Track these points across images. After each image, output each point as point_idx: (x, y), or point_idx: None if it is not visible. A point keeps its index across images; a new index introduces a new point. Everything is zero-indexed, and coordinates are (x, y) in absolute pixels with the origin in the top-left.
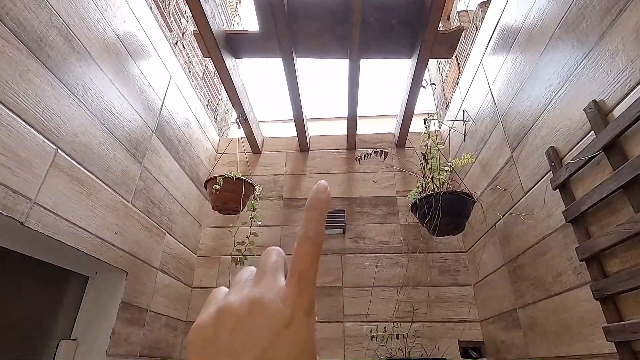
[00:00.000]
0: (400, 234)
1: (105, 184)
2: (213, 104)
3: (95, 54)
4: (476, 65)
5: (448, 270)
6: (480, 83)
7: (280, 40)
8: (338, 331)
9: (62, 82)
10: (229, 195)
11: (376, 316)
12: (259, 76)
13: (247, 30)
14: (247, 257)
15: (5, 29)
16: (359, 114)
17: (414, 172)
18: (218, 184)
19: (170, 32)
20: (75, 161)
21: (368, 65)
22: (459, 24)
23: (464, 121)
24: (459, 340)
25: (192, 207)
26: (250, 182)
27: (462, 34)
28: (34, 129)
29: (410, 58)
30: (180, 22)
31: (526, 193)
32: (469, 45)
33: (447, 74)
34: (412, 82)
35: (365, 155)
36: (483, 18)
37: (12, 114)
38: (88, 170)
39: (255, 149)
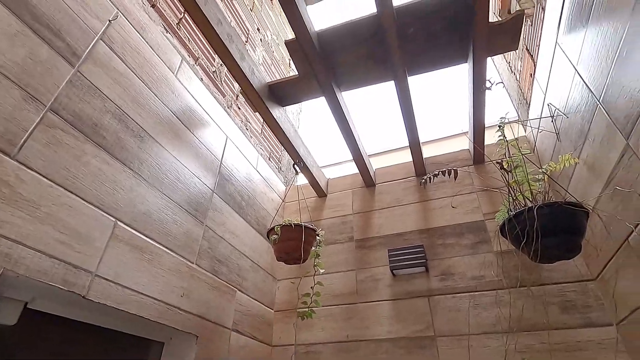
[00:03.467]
0: (496, 265)
1: (167, 248)
2: (276, 155)
3: (149, 129)
4: (552, 48)
5: (574, 307)
6: (563, 67)
7: (319, 79)
8: None
9: (118, 159)
10: (291, 244)
11: None
12: (319, 122)
13: (288, 77)
14: (314, 310)
15: (62, 121)
16: (427, 139)
17: (498, 189)
18: (276, 234)
19: (223, 97)
20: (135, 230)
21: (427, 85)
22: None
23: (553, 117)
24: None
25: (263, 261)
26: (311, 226)
27: (528, 21)
28: (92, 205)
29: (465, 62)
30: (233, 85)
31: None
32: (539, 31)
33: (520, 70)
34: (474, 86)
35: (430, 178)
36: None
37: (71, 194)
38: (148, 237)
39: (320, 193)
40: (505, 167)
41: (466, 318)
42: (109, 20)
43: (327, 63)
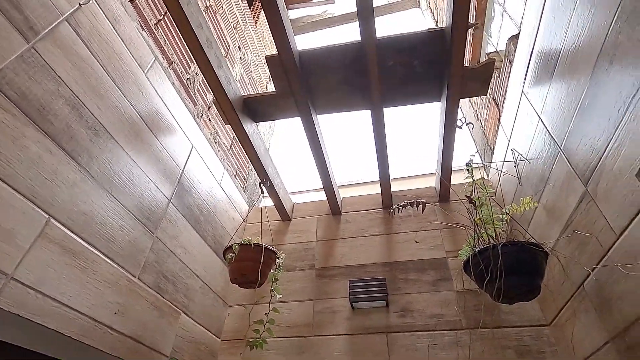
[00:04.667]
0: (456, 304)
1: (106, 256)
2: (243, 173)
3: (107, 124)
4: (518, 97)
5: (529, 352)
6: (527, 115)
7: (296, 98)
8: None
9: (63, 149)
10: (248, 264)
11: None
12: (289, 148)
13: (264, 92)
14: (265, 340)
15: (3, 97)
16: (396, 175)
17: (464, 226)
18: (234, 252)
19: (194, 105)
20: (71, 231)
21: (399, 124)
22: None
23: (516, 161)
24: None
25: (216, 283)
26: (272, 248)
27: (496, 73)
28: (23, 195)
29: (439, 100)
30: (206, 96)
31: (620, 234)
32: (505, 82)
33: (486, 118)
34: (445, 124)
35: (399, 208)
36: (515, 51)
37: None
38: (86, 241)
39: (285, 216)
40: (472, 201)
41: (424, 358)
42: (79, 4)
43: (306, 83)
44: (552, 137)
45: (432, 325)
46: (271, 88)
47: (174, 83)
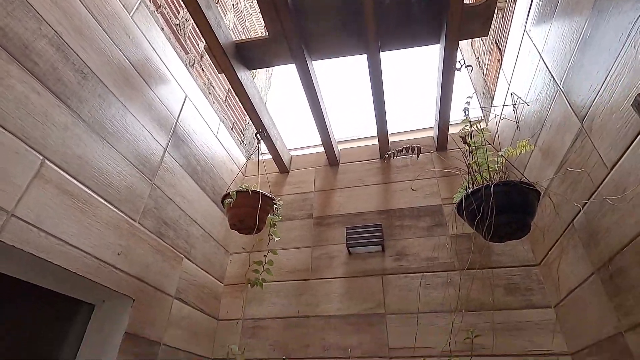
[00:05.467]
0: (449, 248)
1: (105, 199)
2: (239, 127)
3: (96, 68)
4: (520, 37)
5: (517, 289)
6: (529, 54)
7: (290, 42)
8: None
9: (51, 91)
10: (246, 210)
11: (428, 349)
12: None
13: (256, 37)
14: (264, 280)
15: None
16: (393, 130)
17: (459, 172)
18: (231, 198)
19: (186, 54)
20: (67, 173)
21: (397, 79)
22: None
23: (515, 105)
24: None
25: (216, 232)
26: (269, 195)
27: (499, 14)
28: (14, 135)
29: (437, 42)
30: (198, 45)
31: (611, 168)
32: (509, 22)
33: (487, 64)
34: (444, 68)
35: (395, 153)
36: None
37: None
38: (83, 184)
39: (282, 168)
40: (467, 141)
41: (416, 297)
42: None
43: (299, 26)
44: (551, 75)
45: (426, 267)
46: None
47: (162, 29)
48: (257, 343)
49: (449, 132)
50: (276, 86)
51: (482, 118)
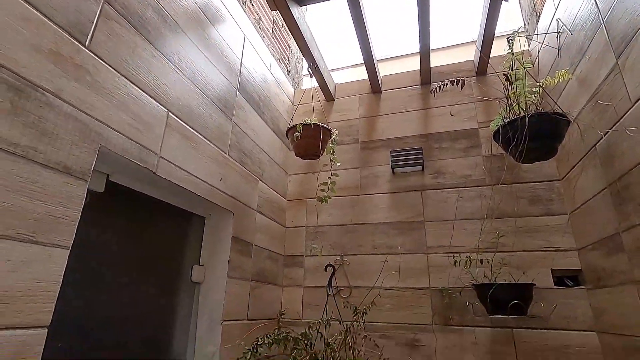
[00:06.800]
0: (483, 167)
1: (206, 138)
2: (285, 57)
3: (182, 24)
4: None
5: (539, 200)
6: None
7: None
8: (422, 262)
9: (162, 54)
10: (309, 141)
11: (459, 247)
12: (326, 26)
13: None
14: (330, 196)
15: (115, 12)
16: (433, 46)
17: (497, 99)
18: (298, 131)
19: None
20: (182, 121)
21: None
22: None
23: (558, 32)
24: (552, 269)
25: (278, 157)
26: (327, 127)
27: None
28: (149, 95)
29: None
30: None
31: (634, 103)
32: None
33: None
34: None
35: (440, 87)
36: None
37: (133, 85)
38: (192, 128)
39: (329, 97)
40: (508, 78)
41: (451, 208)
42: None
43: None
44: (598, 8)
45: (461, 183)
46: None
47: None
48: (319, 244)
49: (492, 49)
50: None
51: (525, 41)
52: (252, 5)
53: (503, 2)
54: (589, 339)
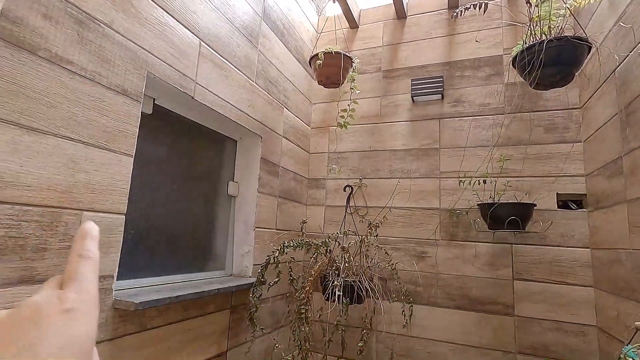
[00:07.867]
0: (503, 95)
1: (235, 67)
2: None
3: None
4: None
5: (556, 128)
6: None
7: None
8: (434, 185)
9: None
10: (331, 69)
11: (470, 172)
12: None
13: None
14: (349, 123)
15: None
16: None
17: (524, 24)
18: (320, 59)
19: None
20: (213, 49)
21: None
22: None
23: None
24: (557, 193)
25: (302, 86)
26: (349, 55)
27: None
28: (183, 25)
29: None
30: None
31: None
32: None
33: None
34: None
35: (462, 11)
36: None
37: (168, 15)
38: (222, 57)
39: (353, 24)
40: (529, 0)
41: (466, 135)
42: None
43: None
44: None
45: (478, 112)
46: None
47: None
48: (340, 168)
49: None
50: None
51: None
52: None
53: None
54: (583, 255)
